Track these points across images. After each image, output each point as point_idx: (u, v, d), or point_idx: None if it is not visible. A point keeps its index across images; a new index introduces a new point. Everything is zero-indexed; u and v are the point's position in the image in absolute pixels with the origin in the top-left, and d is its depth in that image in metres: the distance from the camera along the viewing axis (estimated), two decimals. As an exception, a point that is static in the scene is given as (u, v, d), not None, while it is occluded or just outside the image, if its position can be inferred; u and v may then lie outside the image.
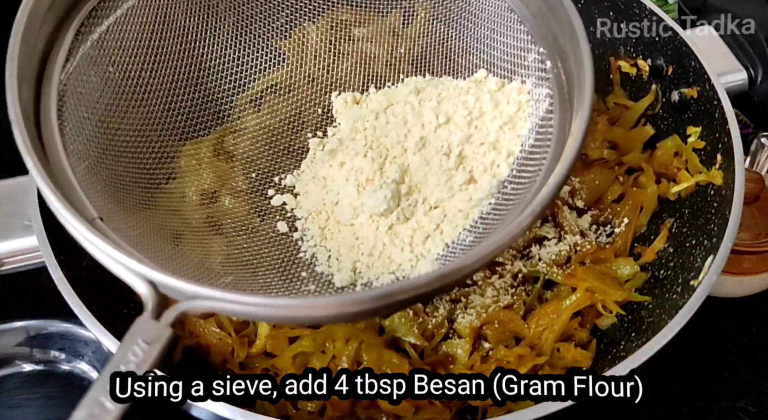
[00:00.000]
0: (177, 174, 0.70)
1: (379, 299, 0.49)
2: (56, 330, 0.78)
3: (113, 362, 0.45)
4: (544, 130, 0.64)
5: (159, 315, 0.48)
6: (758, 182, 0.80)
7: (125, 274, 0.49)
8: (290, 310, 0.50)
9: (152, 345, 0.46)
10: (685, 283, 0.70)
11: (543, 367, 0.70)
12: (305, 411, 0.69)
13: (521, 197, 0.61)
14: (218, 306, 0.48)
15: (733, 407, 0.79)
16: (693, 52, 0.79)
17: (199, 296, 0.48)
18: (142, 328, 0.47)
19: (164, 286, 0.48)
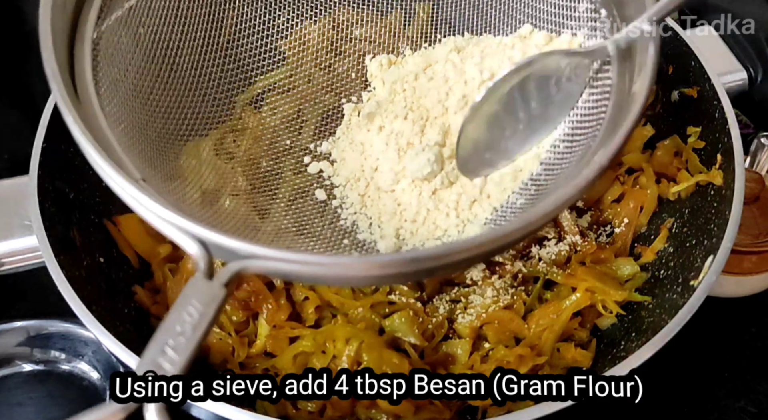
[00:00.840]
0: (208, 135, 0.68)
1: (440, 257, 0.47)
2: (56, 330, 0.78)
3: (167, 323, 0.44)
4: (601, 83, 0.60)
5: (211, 276, 0.46)
6: (758, 182, 0.80)
7: (175, 234, 0.47)
8: (352, 269, 0.48)
9: (207, 305, 0.44)
10: (685, 283, 0.70)
11: (543, 367, 0.70)
12: (305, 411, 0.69)
13: (577, 156, 0.59)
14: (274, 266, 0.46)
15: (733, 407, 0.79)
16: (693, 52, 0.79)
17: (254, 256, 0.45)
18: (196, 289, 0.45)
19: (216, 246, 0.46)
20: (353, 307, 0.73)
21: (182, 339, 0.43)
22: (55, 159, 0.73)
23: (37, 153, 0.72)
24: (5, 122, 1.07)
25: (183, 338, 0.43)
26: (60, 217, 0.71)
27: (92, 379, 0.78)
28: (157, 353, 0.42)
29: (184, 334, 0.43)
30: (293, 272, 0.46)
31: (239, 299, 0.73)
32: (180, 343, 0.43)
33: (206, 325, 0.44)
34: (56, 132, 0.74)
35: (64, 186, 0.74)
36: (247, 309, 0.73)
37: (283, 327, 0.72)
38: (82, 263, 0.71)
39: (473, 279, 0.76)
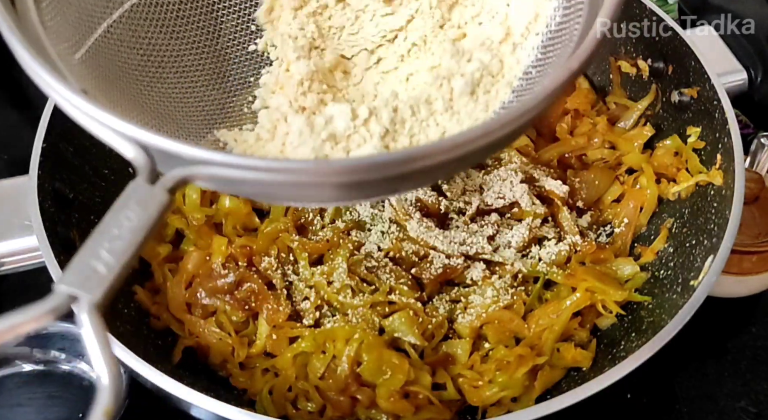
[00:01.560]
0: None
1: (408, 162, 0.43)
2: (56, 330, 0.78)
3: (103, 225, 0.41)
4: (574, 2, 0.58)
5: (154, 181, 0.43)
6: (758, 182, 0.80)
7: (113, 139, 0.44)
8: (306, 175, 0.43)
9: (147, 209, 0.41)
10: (685, 283, 0.70)
11: (543, 367, 0.70)
12: (305, 411, 0.69)
13: (562, 50, 0.56)
14: (222, 173, 0.42)
15: (733, 407, 0.79)
16: (693, 52, 0.79)
17: (199, 161, 0.42)
18: (136, 192, 0.42)
19: (159, 151, 0.43)
20: (353, 307, 0.73)
21: (119, 242, 0.40)
22: (55, 159, 0.73)
23: (37, 153, 0.72)
24: (5, 122, 1.07)
25: (120, 242, 0.40)
26: (60, 217, 0.71)
27: (92, 379, 0.78)
28: (90, 256, 0.40)
29: (121, 238, 0.40)
30: (242, 179, 0.43)
31: (239, 299, 0.73)
32: (116, 247, 0.40)
33: (145, 230, 0.41)
34: (56, 132, 0.74)
35: (64, 186, 0.74)
36: (247, 309, 0.73)
37: (283, 327, 0.72)
38: (82, 263, 0.70)
39: (473, 279, 0.76)
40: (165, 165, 0.44)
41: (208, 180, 0.44)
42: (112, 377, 0.38)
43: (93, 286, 0.39)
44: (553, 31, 0.59)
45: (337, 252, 0.76)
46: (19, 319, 0.38)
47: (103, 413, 0.38)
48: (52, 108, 0.75)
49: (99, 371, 0.38)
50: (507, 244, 0.78)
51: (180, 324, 0.74)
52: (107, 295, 0.39)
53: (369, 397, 0.68)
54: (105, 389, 0.38)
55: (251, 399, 0.71)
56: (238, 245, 0.76)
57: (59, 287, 0.39)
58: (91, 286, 0.39)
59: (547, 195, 0.82)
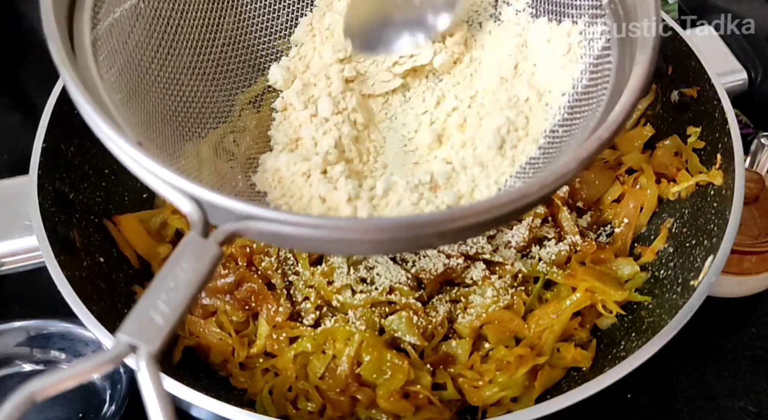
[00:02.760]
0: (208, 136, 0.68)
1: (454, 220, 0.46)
2: (56, 330, 0.78)
3: (160, 278, 0.43)
4: (600, 68, 0.61)
5: (206, 235, 0.45)
6: (758, 182, 0.80)
7: (170, 193, 0.46)
8: (353, 232, 0.46)
9: (201, 262, 0.44)
10: (685, 283, 0.70)
11: (543, 367, 0.70)
12: (305, 411, 0.69)
13: (576, 140, 0.58)
14: (271, 228, 0.45)
15: (733, 407, 0.79)
16: (693, 52, 0.79)
17: (250, 216, 0.45)
18: (190, 246, 0.44)
19: (212, 206, 0.46)
20: (353, 307, 0.73)
21: (175, 294, 0.42)
22: (55, 159, 0.73)
23: (37, 153, 0.72)
24: (5, 122, 1.07)
25: (176, 293, 0.42)
26: (60, 217, 0.71)
27: (92, 378, 0.78)
28: (149, 307, 0.42)
29: (177, 290, 0.43)
30: (291, 235, 0.45)
31: (239, 299, 0.73)
32: (172, 298, 0.42)
33: (199, 282, 0.43)
34: (56, 132, 0.74)
35: (64, 186, 0.74)
36: (247, 309, 0.73)
37: (283, 327, 0.72)
38: (82, 263, 0.71)
39: (473, 279, 0.76)
40: (216, 218, 0.46)
41: (257, 234, 0.47)
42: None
43: (151, 336, 0.41)
44: (580, 93, 0.61)
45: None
46: (83, 368, 0.41)
47: None
48: (53, 108, 0.75)
49: (154, 417, 0.40)
50: (507, 244, 0.78)
51: (180, 324, 0.74)
52: (164, 345, 0.42)
53: (369, 397, 0.68)
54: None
55: (251, 399, 0.71)
56: (238, 245, 0.76)
57: (121, 337, 0.41)
58: (149, 336, 0.41)
59: (547, 195, 0.82)
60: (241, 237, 0.46)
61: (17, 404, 0.38)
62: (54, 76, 0.77)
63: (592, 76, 0.61)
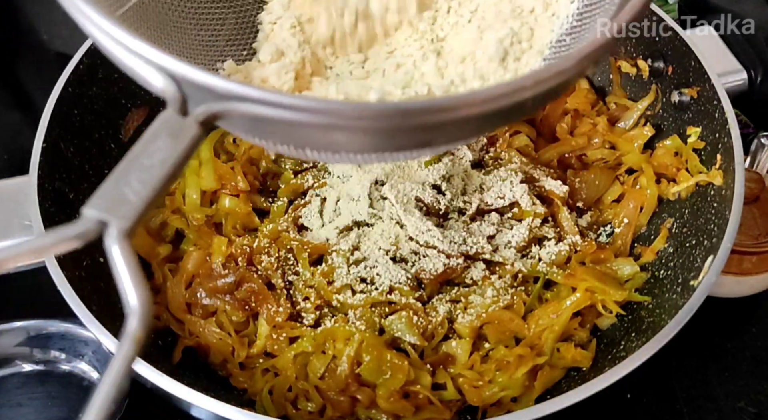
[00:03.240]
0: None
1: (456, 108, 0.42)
2: (56, 330, 0.78)
3: (133, 154, 0.39)
4: None
5: (185, 113, 0.42)
6: (758, 182, 0.80)
7: (144, 68, 0.42)
8: (345, 118, 0.42)
9: (178, 140, 0.40)
10: (685, 283, 0.70)
11: (543, 367, 0.70)
12: (305, 411, 0.69)
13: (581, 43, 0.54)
14: (256, 110, 0.41)
15: (733, 407, 0.79)
16: (693, 52, 0.79)
17: (234, 96, 0.41)
18: (167, 123, 0.41)
19: (191, 84, 0.41)
20: (353, 307, 0.73)
21: (149, 172, 0.39)
22: (55, 159, 0.73)
23: (37, 153, 0.72)
24: (5, 122, 1.07)
25: (150, 172, 0.39)
26: (60, 217, 0.71)
27: (92, 379, 0.78)
28: (121, 183, 0.39)
29: (152, 168, 0.39)
30: (278, 120, 0.41)
31: (239, 299, 0.73)
32: (146, 177, 0.39)
33: (176, 162, 0.40)
34: (56, 132, 0.74)
35: (64, 186, 0.74)
36: (247, 309, 0.73)
37: (283, 327, 0.72)
38: (82, 263, 0.71)
39: (473, 279, 0.76)
40: (195, 100, 0.42)
41: (239, 118, 0.43)
42: (142, 303, 0.37)
43: (123, 213, 0.38)
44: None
45: (337, 252, 0.76)
46: (46, 241, 0.38)
47: (133, 339, 0.37)
48: (53, 108, 0.75)
49: (129, 297, 0.37)
50: (507, 244, 0.78)
51: (180, 324, 0.74)
52: (136, 224, 0.38)
53: (369, 397, 0.68)
54: (135, 314, 0.37)
55: (251, 399, 0.71)
56: (238, 245, 0.76)
57: (88, 212, 0.38)
58: (121, 212, 0.38)
59: (547, 195, 0.82)
60: (222, 119, 0.42)
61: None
62: (54, 76, 0.77)
63: None
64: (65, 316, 0.72)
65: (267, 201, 0.84)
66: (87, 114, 0.78)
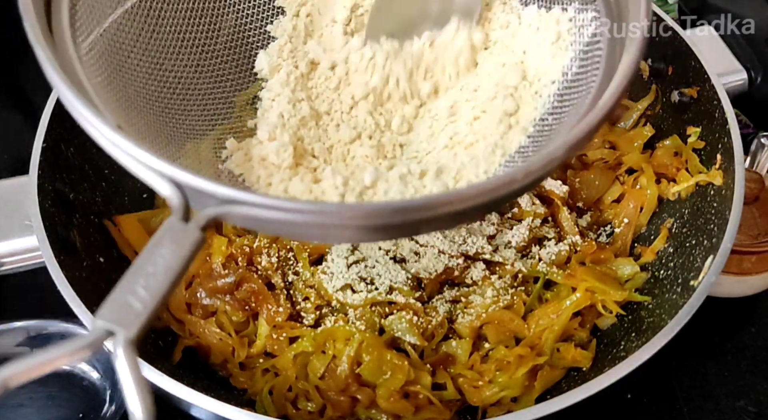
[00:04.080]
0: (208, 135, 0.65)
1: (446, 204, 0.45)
2: (56, 330, 0.78)
3: (139, 262, 0.42)
4: (590, 55, 0.59)
5: (187, 219, 0.44)
6: (758, 182, 0.80)
7: (150, 177, 0.45)
8: (338, 217, 0.45)
9: (181, 247, 0.42)
10: (685, 283, 0.70)
11: (543, 367, 0.70)
12: (305, 411, 0.69)
13: (565, 127, 0.57)
14: (254, 213, 0.43)
15: (733, 407, 0.79)
16: (693, 52, 0.79)
17: (233, 201, 0.43)
18: (170, 231, 0.43)
19: (193, 190, 0.44)
20: (353, 307, 0.73)
21: (154, 280, 0.41)
22: (55, 159, 0.73)
23: (37, 153, 0.72)
24: (5, 122, 1.07)
25: (155, 279, 0.41)
26: (60, 217, 0.71)
27: (92, 379, 0.78)
28: (127, 292, 0.40)
29: (156, 276, 0.41)
30: (275, 220, 0.44)
31: (239, 299, 0.73)
32: (151, 284, 0.41)
33: (179, 268, 0.42)
34: (56, 132, 0.74)
35: (64, 186, 0.74)
36: (247, 309, 0.73)
37: (283, 327, 0.72)
38: (82, 263, 0.71)
39: (473, 279, 0.76)
40: (198, 203, 0.45)
41: (240, 219, 0.45)
42: (146, 413, 0.39)
43: (129, 322, 0.40)
44: (570, 81, 0.60)
45: (337, 252, 0.76)
46: (57, 354, 0.40)
47: None
48: (52, 108, 0.75)
49: (133, 407, 0.39)
50: (507, 244, 0.78)
51: (180, 324, 0.74)
52: (142, 331, 0.40)
53: (369, 397, 0.68)
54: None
55: (251, 399, 0.71)
56: (238, 245, 0.76)
57: (97, 322, 0.40)
58: (127, 321, 0.40)
59: (547, 195, 0.82)
60: (222, 222, 0.46)
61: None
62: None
63: (582, 64, 0.60)
64: (65, 316, 0.72)
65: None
66: (87, 114, 0.78)
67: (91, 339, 0.40)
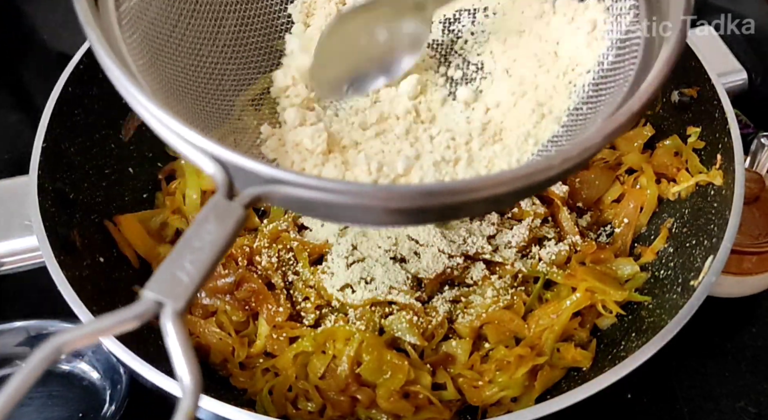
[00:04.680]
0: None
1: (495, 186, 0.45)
2: (56, 330, 0.78)
3: (186, 238, 0.43)
4: (628, 43, 0.58)
5: (232, 197, 0.45)
6: (758, 182, 0.80)
7: (195, 155, 0.46)
8: (379, 199, 0.45)
9: (226, 223, 0.44)
10: (685, 283, 0.70)
11: (543, 367, 0.70)
12: (305, 411, 0.69)
13: (598, 115, 0.57)
14: (297, 193, 0.44)
15: (733, 407, 0.79)
16: (693, 52, 0.79)
17: (277, 180, 0.44)
18: (216, 208, 0.44)
19: (238, 169, 0.45)
20: (353, 307, 0.73)
21: (200, 254, 0.43)
22: (55, 159, 0.73)
23: (37, 153, 0.72)
24: (5, 122, 1.07)
25: (201, 254, 0.43)
26: (60, 217, 0.71)
27: (92, 379, 0.78)
28: (175, 266, 0.42)
29: (202, 250, 0.43)
30: (317, 201, 0.45)
31: (239, 299, 0.73)
32: (198, 259, 0.43)
33: (224, 243, 0.43)
34: (56, 132, 0.74)
35: (64, 186, 0.74)
36: (247, 309, 0.73)
37: (283, 327, 0.72)
38: (82, 263, 0.71)
39: (473, 279, 0.76)
40: (241, 182, 0.46)
41: (282, 199, 0.46)
42: (195, 381, 0.41)
43: (177, 294, 0.42)
44: (606, 70, 0.60)
45: (337, 252, 0.76)
46: (109, 323, 0.41)
47: (187, 416, 0.40)
48: (53, 108, 0.75)
49: (182, 374, 0.41)
50: (507, 244, 0.78)
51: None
52: (188, 303, 0.42)
53: (369, 397, 0.68)
54: (188, 392, 0.41)
55: (251, 399, 0.71)
56: (238, 245, 0.76)
57: (147, 294, 0.42)
58: (175, 294, 0.42)
59: (547, 195, 0.82)
60: (264, 201, 0.46)
61: (46, 354, 0.39)
62: (54, 75, 0.77)
63: (620, 53, 0.59)
64: (65, 316, 0.72)
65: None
66: (87, 114, 0.78)
67: (142, 309, 0.41)
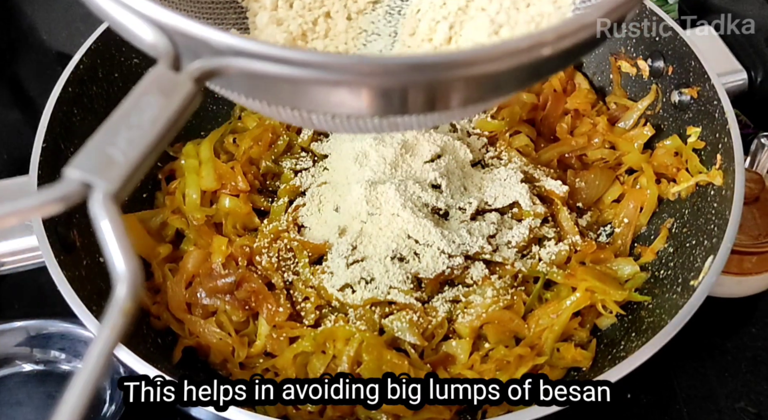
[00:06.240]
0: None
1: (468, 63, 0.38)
2: (56, 330, 0.78)
3: (120, 111, 0.36)
4: None
5: (178, 68, 0.38)
6: (758, 182, 0.80)
7: (132, 21, 0.39)
8: (354, 72, 0.38)
9: (169, 97, 0.37)
10: (685, 283, 0.70)
11: (543, 367, 0.70)
12: (305, 411, 0.69)
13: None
14: (255, 67, 0.37)
15: (733, 407, 0.79)
16: (693, 52, 0.79)
17: (233, 50, 0.37)
18: (157, 78, 0.38)
19: (184, 37, 0.38)
20: (353, 307, 0.73)
21: (138, 131, 0.36)
22: (55, 159, 0.73)
23: (37, 153, 0.72)
24: (5, 122, 1.07)
25: (139, 130, 0.36)
26: (60, 217, 0.71)
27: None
28: (106, 142, 0.35)
29: (141, 127, 0.36)
30: (282, 77, 0.38)
31: (239, 299, 0.73)
32: (135, 135, 0.36)
33: (168, 120, 0.37)
34: (56, 132, 0.74)
35: (64, 186, 0.74)
36: (247, 309, 0.73)
37: (283, 327, 0.72)
38: (82, 263, 0.71)
39: (473, 279, 0.76)
40: (189, 57, 0.39)
41: (238, 75, 0.39)
42: (131, 269, 0.34)
43: (110, 174, 0.35)
44: None
45: (337, 251, 0.76)
46: (26, 204, 0.34)
47: (121, 311, 0.33)
48: (53, 108, 0.75)
49: (117, 263, 0.34)
50: (507, 243, 0.78)
51: (180, 324, 0.74)
52: (125, 187, 0.35)
53: (369, 397, 0.68)
54: (123, 282, 0.34)
55: (251, 399, 0.71)
56: (238, 245, 0.76)
57: (71, 172, 0.35)
58: (107, 173, 0.35)
59: (547, 195, 0.82)
60: (218, 76, 0.39)
61: None
62: (54, 76, 0.77)
63: None
64: (65, 316, 0.72)
65: (267, 201, 0.84)
66: (87, 114, 0.78)
67: (65, 189, 0.34)
